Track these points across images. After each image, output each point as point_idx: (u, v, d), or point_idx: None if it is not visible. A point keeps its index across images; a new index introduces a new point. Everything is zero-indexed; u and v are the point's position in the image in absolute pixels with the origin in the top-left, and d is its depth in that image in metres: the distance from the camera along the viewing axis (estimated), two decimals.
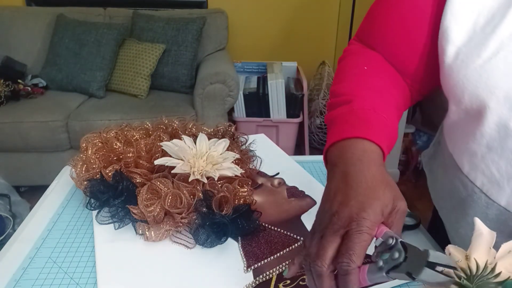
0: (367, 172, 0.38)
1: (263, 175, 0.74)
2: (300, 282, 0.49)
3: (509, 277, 0.31)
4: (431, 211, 0.70)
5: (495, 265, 0.31)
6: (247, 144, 0.79)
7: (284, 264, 0.52)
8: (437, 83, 0.48)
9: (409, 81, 0.52)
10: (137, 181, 0.62)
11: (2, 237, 1.62)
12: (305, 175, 0.74)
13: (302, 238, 0.57)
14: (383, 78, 0.50)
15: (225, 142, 0.68)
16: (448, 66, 0.44)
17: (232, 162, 0.66)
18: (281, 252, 0.54)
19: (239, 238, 0.57)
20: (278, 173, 0.74)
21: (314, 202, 0.65)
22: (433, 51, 0.46)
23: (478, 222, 0.35)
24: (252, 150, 0.78)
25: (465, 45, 0.42)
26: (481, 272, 0.31)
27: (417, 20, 0.47)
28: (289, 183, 0.71)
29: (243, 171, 0.66)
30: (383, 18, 0.52)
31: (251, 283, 0.49)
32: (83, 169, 0.66)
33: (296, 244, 0.56)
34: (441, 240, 0.60)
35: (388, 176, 0.39)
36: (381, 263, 0.34)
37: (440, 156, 0.56)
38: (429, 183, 0.61)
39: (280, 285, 0.49)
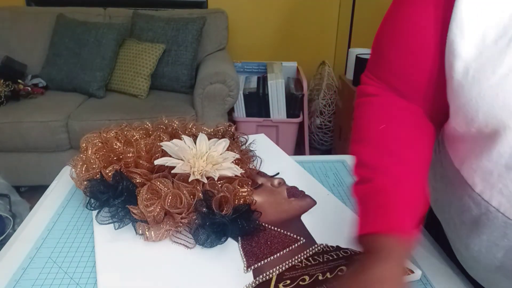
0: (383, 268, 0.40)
1: (263, 175, 0.74)
2: (300, 282, 0.49)
3: None
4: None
5: None
6: (247, 144, 0.79)
7: (284, 264, 0.52)
8: None
9: (430, 108, 0.50)
10: (137, 181, 0.62)
11: (2, 237, 1.62)
12: (305, 175, 0.74)
13: (302, 238, 0.57)
14: (403, 133, 0.49)
15: (225, 142, 0.68)
16: (457, 83, 0.41)
17: (232, 162, 0.66)
18: (281, 252, 0.54)
19: (239, 238, 0.57)
20: (278, 173, 0.74)
21: (314, 202, 0.65)
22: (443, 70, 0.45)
23: None
24: (252, 150, 0.78)
25: (475, 60, 0.40)
26: None
27: (422, 42, 0.46)
28: (289, 183, 0.71)
29: (243, 171, 0.66)
30: (387, 47, 0.50)
31: (251, 283, 0.49)
32: (83, 169, 0.66)
33: (296, 244, 0.56)
34: (437, 237, 0.60)
35: (400, 273, 0.41)
36: None
37: (440, 168, 0.54)
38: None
39: (280, 285, 0.49)
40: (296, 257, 0.53)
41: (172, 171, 0.62)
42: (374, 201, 0.45)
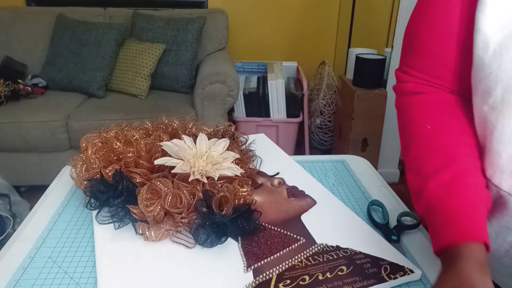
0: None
1: (263, 175, 0.74)
2: (300, 282, 0.49)
3: None
4: None
5: None
6: (247, 144, 0.79)
7: (284, 264, 0.52)
8: None
9: (463, 89, 0.51)
10: (137, 181, 0.62)
11: (2, 237, 1.62)
12: (305, 175, 0.74)
13: (302, 238, 0.57)
14: (451, 129, 0.48)
15: (225, 142, 0.68)
16: (478, 57, 0.42)
17: (232, 162, 0.66)
18: (281, 252, 0.54)
19: (239, 238, 0.57)
20: (278, 173, 0.74)
21: (314, 202, 0.65)
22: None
23: None
24: (252, 150, 0.78)
25: (496, 34, 0.40)
26: None
27: (449, 23, 0.48)
28: (289, 183, 0.71)
29: (243, 171, 0.66)
30: (419, 34, 0.52)
31: (251, 283, 0.49)
32: (83, 169, 0.66)
33: (296, 244, 0.56)
34: None
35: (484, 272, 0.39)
36: None
37: None
38: None
39: (280, 285, 0.49)
40: (296, 257, 0.53)
41: (172, 171, 0.62)
42: (436, 214, 0.43)
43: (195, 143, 0.67)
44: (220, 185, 0.61)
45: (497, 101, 0.41)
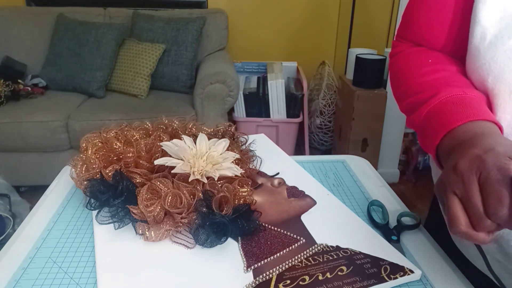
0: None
1: (263, 175, 0.74)
2: (300, 282, 0.49)
3: None
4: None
5: None
6: (247, 144, 0.79)
7: (284, 264, 0.52)
8: None
9: None
10: (137, 181, 0.62)
11: (2, 237, 1.62)
12: (305, 175, 0.74)
13: (302, 238, 0.57)
14: (451, 64, 0.50)
15: (225, 142, 0.68)
16: (474, 47, 0.43)
17: (232, 162, 0.66)
18: (281, 252, 0.54)
19: (239, 238, 0.57)
20: (278, 173, 0.74)
21: (314, 202, 0.65)
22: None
23: None
24: (252, 150, 0.78)
25: (494, 25, 0.41)
26: None
27: (444, 9, 0.50)
28: (289, 183, 0.71)
29: (243, 171, 0.66)
30: (416, 11, 0.55)
31: (251, 283, 0.49)
32: (83, 169, 0.66)
33: (296, 244, 0.56)
34: (439, 238, 0.60)
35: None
36: None
37: None
38: (434, 175, 0.60)
39: (280, 285, 0.49)
40: (296, 257, 0.53)
41: (172, 171, 0.62)
42: (447, 106, 0.42)
43: (195, 143, 0.67)
44: (220, 185, 0.61)
45: (487, 92, 0.43)
